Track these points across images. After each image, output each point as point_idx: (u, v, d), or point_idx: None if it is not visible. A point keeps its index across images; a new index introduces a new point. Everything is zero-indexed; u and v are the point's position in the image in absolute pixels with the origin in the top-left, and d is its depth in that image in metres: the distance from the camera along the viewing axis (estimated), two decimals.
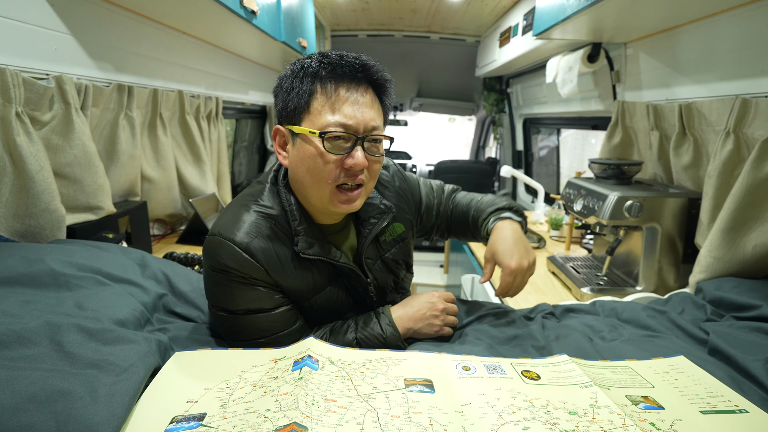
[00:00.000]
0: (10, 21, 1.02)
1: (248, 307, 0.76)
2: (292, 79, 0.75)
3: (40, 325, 0.59)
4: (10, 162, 1.02)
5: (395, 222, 0.91)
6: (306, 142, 0.73)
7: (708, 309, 0.97)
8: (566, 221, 1.95)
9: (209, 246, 0.75)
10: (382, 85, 0.77)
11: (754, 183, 1.03)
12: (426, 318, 0.84)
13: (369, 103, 0.75)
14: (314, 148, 0.72)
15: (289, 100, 0.75)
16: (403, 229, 0.92)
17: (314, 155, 0.73)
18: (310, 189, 0.75)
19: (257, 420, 0.51)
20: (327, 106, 0.72)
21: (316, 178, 0.74)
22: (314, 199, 0.76)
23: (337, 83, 0.73)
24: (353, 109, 0.73)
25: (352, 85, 0.73)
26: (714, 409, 0.60)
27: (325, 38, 3.24)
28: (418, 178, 1.03)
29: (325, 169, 0.73)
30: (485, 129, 4.68)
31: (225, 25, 1.69)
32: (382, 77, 0.77)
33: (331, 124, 0.72)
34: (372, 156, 0.75)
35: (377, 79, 0.76)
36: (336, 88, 0.73)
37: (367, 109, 0.74)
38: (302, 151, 0.74)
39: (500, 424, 0.54)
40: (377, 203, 0.87)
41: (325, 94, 0.73)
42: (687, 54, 1.36)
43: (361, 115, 0.73)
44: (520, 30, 2.36)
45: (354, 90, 0.73)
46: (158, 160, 1.71)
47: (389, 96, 0.79)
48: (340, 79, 0.73)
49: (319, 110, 0.73)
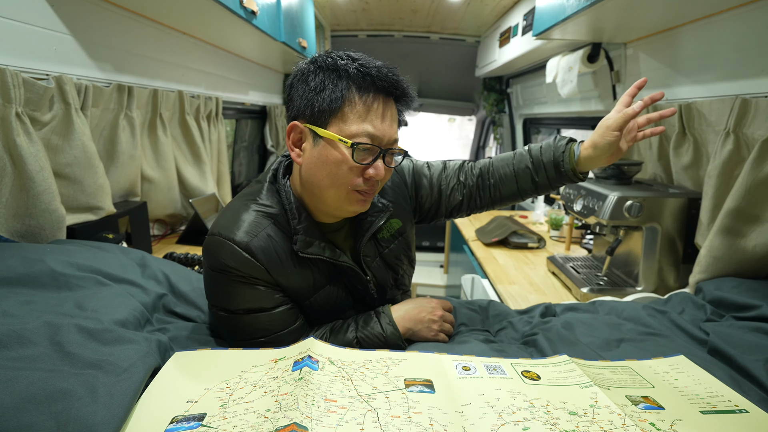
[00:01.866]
0: (10, 21, 1.02)
1: (248, 306, 0.76)
2: (323, 78, 0.73)
3: (40, 326, 0.59)
4: (10, 162, 1.02)
5: (392, 218, 0.91)
6: (332, 146, 0.73)
7: (708, 309, 0.97)
8: (566, 221, 1.95)
9: (209, 246, 0.75)
10: (407, 103, 0.79)
11: (754, 183, 1.03)
12: (425, 321, 0.85)
13: (394, 117, 0.77)
14: (340, 154, 0.72)
15: (318, 100, 0.72)
16: (400, 224, 0.92)
17: (339, 161, 0.73)
18: (327, 191, 0.76)
19: (257, 420, 0.51)
20: (362, 117, 0.72)
21: (337, 183, 0.74)
22: (330, 200, 0.77)
23: (375, 96, 0.73)
24: (383, 123, 0.74)
25: (387, 99, 0.75)
26: (714, 409, 0.60)
27: (325, 38, 3.24)
28: (410, 163, 0.98)
29: (348, 175, 0.73)
30: (485, 129, 4.67)
31: (225, 25, 1.69)
32: (411, 95, 0.78)
33: (362, 135, 0.72)
34: (388, 166, 0.77)
35: (407, 98, 0.78)
36: (373, 101, 0.73)
37: (394, 123, 0.76)
38: (325, 154, 0.73)
39: (500, 424, 0.54)
40: (375, 201, 0.87)
41: (363, 104, 0.72)
42: (687, 54, 1.36)
43: (388, 129, 0.75)
44: (520, 30, 2.36)
45: (387, 105, 0.75)
46: (158, 160, 1.71)
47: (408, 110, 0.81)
48: (378, 92, 0.73)
49: (352, 118, 0.72)
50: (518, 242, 1.86)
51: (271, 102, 3.01)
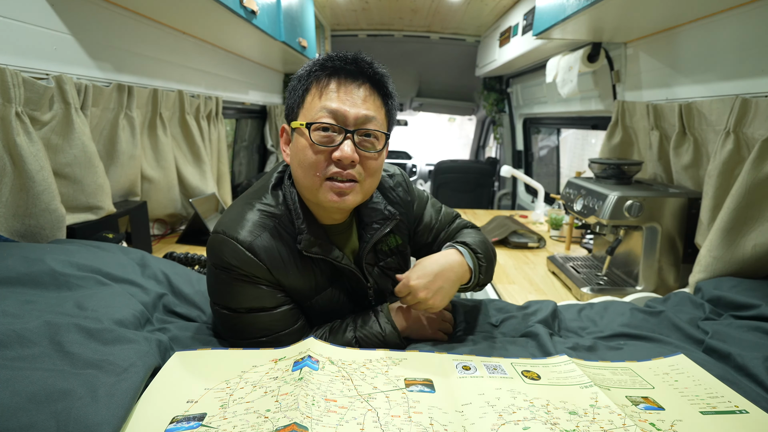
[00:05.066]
0: (10, 21, 1.02)
1: (250, 305, 0.76)
2: (297, 79, 0.78)
3: (40, 325, 0.59)
4: (10, 162, 1.02)
5: (396, 234, 0.90)
6: (300, 135, 0.75)
7: (706, 308, 0.97)
8: (566, 221, 1.95)
9: (213, 244, 0.76)
10: (376, 80, 0.76)
11: (754, 183, 1.03)
12: (423, 320, 0.85)
13: (363, 96, 0.74)
14: (305, 140, 0.74)
15: (290, 98, 0.79)
16: (400, 242, 0.91)
17: (305, 147, 0.74)
18: (302, 181, 0.76)
19: (257, 420, 0.51)
20: (317, 97, 0.74)
21: (305, 170, 0.74)
22: (306, 191, 0.77)
23: (329, 76, 0.74)
24: (343, 100, 0.73)
25: (345, 78, 0.74)
26: (714, 409, 0.60)
27: (325, 38, 3.24)
28: (428, 196, 0.99)
29: (315, 160, 0.73)
30: (485, 129, 4.68)
31: (225, 25, 1.69)
32: (375, 70, 0.76)
33: (321, 115, 0.72)
34: (366, 152, 0.74)
35: (369, 73, 0.75)
36: (328, 81, 0.74)
37: (360, 101, 0.74)
38: (296, 144, 0.76)
39: (500, 423, 0.54)
40: (381, 208, 0.86)
41: (317, 86, 0.74)
42: (687, 54, 1.36)
43: (351, 107, 0.73)
44: (520, 30, 2.36)
45: (347, 83, 0.74)
46: (158, 160, 1.71)
47: (389, 91, 0.78)
48: (333, 72, 0.74)
49: (310, 102, 0.74)
50: (518, 242, 1.86)
51: (271, 102, 3.01)
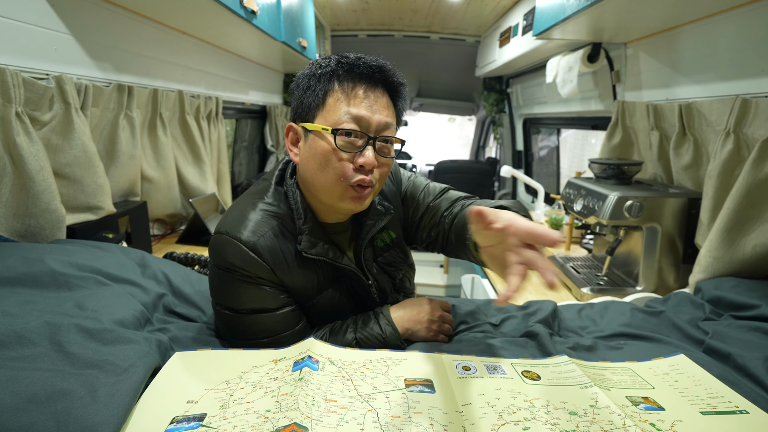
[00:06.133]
0: (10, 21, 1.02)
1: (252, 306, 0.76)
2: (309, 77, 0.76)
3: (40, 325, 0.59)
4: (10, 162, 1.02)
5: (389, 229, 0.90)
6: (319, 138, 0.73)
7: (706, 308, 0.97)
8: (566, 221, 1.95)
9: (215, 244, 0.76)
10: (396, 89, 0.78)
11: (754, 183, 1.03)
12: (423, 321, 0.85)
13: (384, 104, 0.76)
14: (327, 144, 0.73)
15: (305, 97, 0.76)
16: (394, 236, 0.92)
17: (326, 152, 0.73)
18: (320, 186, 0.75)
19: (257, 420, 0.51)
20: (343, 102, 0.73)
21: (327, 175, 0.74)
22: (324, 195, 0.76)
23: (355, 82, 0.74)
24: (368, 108, 0.73)
25: (369, 85, 0.74)
26: (714, 410, 0.60)
27: (325, 38, 3.23)
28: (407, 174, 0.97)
29: (339, 166, 0.73)
30: (485, 129, 4.68)
31: (225, 25, 1.69)
32: (398, 80, 0.78)
33: (345, 120, 0.72)
34: (382, 157, 0.76)
35: (393, 82, 0.77)
36: (353, 87, 0.74)
37: (383, 109, 0.75)
38: (314, 147, 0.74)
39: (500, 424, 0.54)
40: (375, 203, 0.87)
41: (343, 91, 0.73)
42: (687, 54, 1.36)
43: (375, 115, 0.74)
44: (520, 30, 2.36)
45: (371, 90, 0.74)
46: (158, 160, 1.71)
47: (404, 100, 0.80)
48: (358, 78, 0.74)
49: (335, 107, 0.73)
50: None
51: (271, 102, 3.01)
